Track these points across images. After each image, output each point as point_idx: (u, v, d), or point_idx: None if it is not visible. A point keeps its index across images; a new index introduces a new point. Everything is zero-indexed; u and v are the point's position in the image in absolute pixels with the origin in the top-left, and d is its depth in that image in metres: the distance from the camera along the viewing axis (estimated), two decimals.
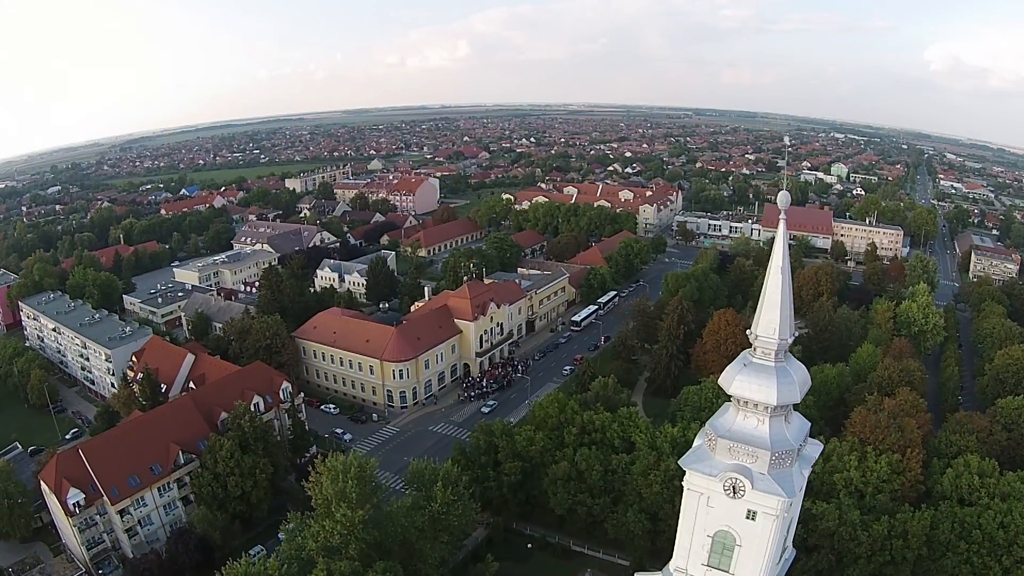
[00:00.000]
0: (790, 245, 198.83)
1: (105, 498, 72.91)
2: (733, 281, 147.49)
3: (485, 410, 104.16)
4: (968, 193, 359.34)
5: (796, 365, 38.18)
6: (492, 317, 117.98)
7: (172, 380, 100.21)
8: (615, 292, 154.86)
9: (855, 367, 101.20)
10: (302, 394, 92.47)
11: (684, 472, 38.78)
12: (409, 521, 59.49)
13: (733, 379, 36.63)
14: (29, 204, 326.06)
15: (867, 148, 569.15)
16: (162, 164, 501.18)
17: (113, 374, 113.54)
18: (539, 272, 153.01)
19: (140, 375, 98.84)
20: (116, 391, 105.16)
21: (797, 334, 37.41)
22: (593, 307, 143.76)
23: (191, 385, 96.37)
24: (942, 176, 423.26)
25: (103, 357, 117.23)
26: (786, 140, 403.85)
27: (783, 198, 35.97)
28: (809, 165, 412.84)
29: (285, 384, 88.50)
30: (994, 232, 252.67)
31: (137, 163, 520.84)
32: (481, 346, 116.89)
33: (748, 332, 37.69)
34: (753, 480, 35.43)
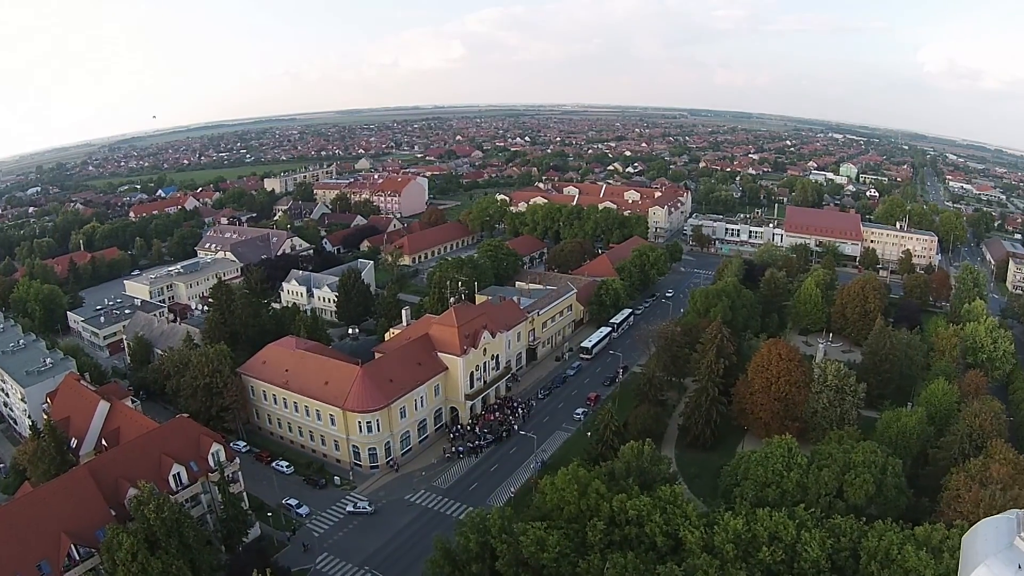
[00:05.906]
0: (819, 252, 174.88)
1: None
2: (764, 297, 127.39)
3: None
4: (980, 195, 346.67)
5: None
6: (485, 349, 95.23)
7: (84, 434, 79.41)
8: (630, 310, 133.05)
9: (930, 410, 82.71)
10: (238, 460, 70.94)
11: None
12: None
13: None
14: (4, 206, 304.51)
15: (868, 149, 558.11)
16: (146, 164, 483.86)
17: (30, 416, 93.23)
18: (541, 287, 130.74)
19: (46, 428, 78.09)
20: (24, 443, 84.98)
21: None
22: (606, 329, 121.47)
23: (104, 443, 75.74)
24: (950, 177, 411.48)
25: (18, 395, 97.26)
26: None
27: None
28: (816, 165, 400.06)
29: (216, 447, 67.63)
30: (1016, 236, 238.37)
31: (122, 163, 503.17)
32: (472, 386, 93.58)
33: None
34: None
